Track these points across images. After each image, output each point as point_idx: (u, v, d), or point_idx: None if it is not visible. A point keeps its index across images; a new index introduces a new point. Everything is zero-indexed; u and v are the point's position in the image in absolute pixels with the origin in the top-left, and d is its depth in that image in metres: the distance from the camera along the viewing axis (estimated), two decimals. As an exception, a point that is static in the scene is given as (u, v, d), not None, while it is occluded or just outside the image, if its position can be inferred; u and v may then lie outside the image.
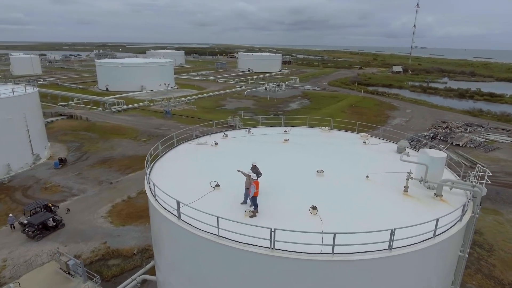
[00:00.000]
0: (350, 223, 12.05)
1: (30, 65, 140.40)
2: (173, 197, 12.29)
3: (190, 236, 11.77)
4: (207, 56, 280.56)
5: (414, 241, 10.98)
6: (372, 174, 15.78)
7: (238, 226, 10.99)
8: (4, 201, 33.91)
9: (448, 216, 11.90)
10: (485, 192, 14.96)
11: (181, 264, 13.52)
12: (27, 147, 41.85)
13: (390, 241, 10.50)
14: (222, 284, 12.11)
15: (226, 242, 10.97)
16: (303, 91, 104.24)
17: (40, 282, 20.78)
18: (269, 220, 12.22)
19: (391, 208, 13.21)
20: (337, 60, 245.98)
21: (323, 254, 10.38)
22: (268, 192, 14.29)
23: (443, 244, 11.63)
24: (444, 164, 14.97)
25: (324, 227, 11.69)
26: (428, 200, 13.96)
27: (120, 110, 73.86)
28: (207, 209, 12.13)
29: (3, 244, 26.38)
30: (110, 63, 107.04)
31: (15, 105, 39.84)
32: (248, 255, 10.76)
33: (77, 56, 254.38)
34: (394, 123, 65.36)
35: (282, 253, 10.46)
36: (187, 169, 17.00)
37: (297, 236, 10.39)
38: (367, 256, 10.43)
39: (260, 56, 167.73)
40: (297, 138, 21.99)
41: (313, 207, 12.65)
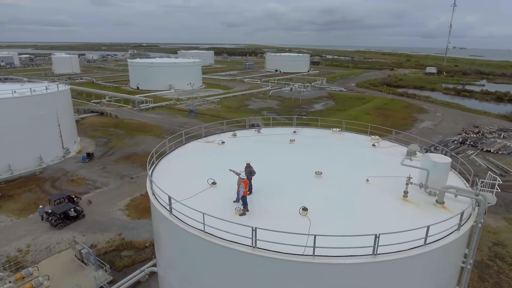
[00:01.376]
0: (339, 226, 11.89)
1: (69, 64, 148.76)
2: (165, 193, 12.72)
3: (180, 231, 12.14)
4: (236, 56, 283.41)
5: (403, 248, 10.68)
6: (373, 177, 15.41)
7: (224, 223, 11.19)
8: (34, 191, 36.32)
9: (443, 224, 11.44)
10: (494, 201, 14.20)
11: (174, 259, 13.95)
12: (58, 141, 44.48)
13: (374, 247, 10.27)
14: (209, 280, 12.37)
15: (211, 239, 11.22)
16: (329, 92, 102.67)
17: (56, 268, 22.15)
18: (258, 219, 12.33)
19: (385, 213, 12.86)
20: (368, 61, 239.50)
21: (304, 255, 10.34)
22: (263, 191, 14.41)
23: (436, 253, 11.19)
24: (448, 169, 14.31)
25: (311, 229, 11.63)
26: (428, 206, 13.44)
27: (147, 108, 76.50)
28: (201, 205, 12.47)
29: (29, 231, 28.32)
30: (141, 63, 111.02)
31: (48, 102, 42.48)
32: (231, 253, 10.93)
33: (113, 56, 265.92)
34: (421, 126, 62.79)
35: (264, 252, 10.54)
36: (191, 166, 17.45)
37: (284, 236, 10.39)
38: (349, 260, 10.26)
39: (288, 56, 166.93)
40: (305, 139, 21.86)
41: (304, 208, 12.61)
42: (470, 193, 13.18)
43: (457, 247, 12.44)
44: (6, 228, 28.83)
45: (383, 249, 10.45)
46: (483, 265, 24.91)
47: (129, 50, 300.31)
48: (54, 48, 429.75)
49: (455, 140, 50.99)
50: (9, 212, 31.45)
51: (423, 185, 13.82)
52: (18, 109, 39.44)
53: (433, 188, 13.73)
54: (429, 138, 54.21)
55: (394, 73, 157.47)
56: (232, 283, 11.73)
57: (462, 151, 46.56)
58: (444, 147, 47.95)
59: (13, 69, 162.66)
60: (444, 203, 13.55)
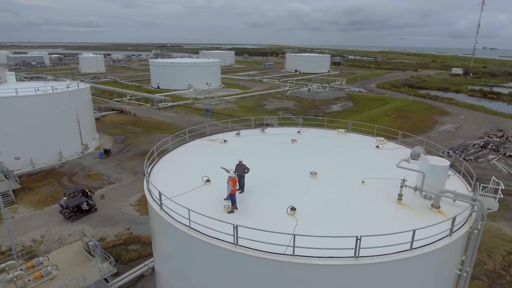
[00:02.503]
0: (325, 226, 11.78)
1: (95, 64, 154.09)
2: (157, 188, 13.04)
3: (168, 226, 12.41)
4: (257, 57, 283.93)
5: (388, 251, 10.45)
6: (369, 179, 15.14)
7: (211, 220, 11.33)
8: (52, 184, 37.96)
9: (435, 229, 11.09)
10: (496, 207, 13.65)
11: (166, 254, 14.26)
12: (77, 138, 46.26)
13: (356, 249, 10.10)
14: (198, 276, 12.56)
15: (196, 235, 11.40)
16: (348, 93, 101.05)
17: (65, 259, 23.08)
18: (245, 217, 12.42)
19: (375, 215, 12.61)
20: (391, 62, 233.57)
21: (285, 255, 10.32)
22: (255, 189, 14.49)
23: (424, 258, 10.88)
24: (446, 173, 13.82)
25: (297, 229, 11.59)
26: (422, 210, 13.06)
27: (165, 107, 78.10)
28: (192, 202, 12.73)
29: (44, 222, 29.66)
30: (162, 62, 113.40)
31: (68, 99, 44.25)
32: (214, 249, 11.06)
33: (138, 56, 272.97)
34: (441, 129, 60.67)
35: (245, 250, 10.60)
36: (190, 164, 17.75)
37: (270, 235, 10.38)
38: (330, 261, 10.16)
39: (308, 57, 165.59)
40: (308, 139, 21.73)
41: (292, 208, 12.58)
42: (466, 198, 12.69)
43: (451, 253, 12.01)
44: (23, 219, 30.31)
45: (367, 251, 10.28)
46: (495, 275, 23.85)
47: (152, 50, 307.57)
48: (83, 48, 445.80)
49: (476, 144, 48.97)
50: (28, 204, 33.04)
51: (418, 188, 13.43)
52: (40, 106, 41.34)
53: (429, 192, 13.32)
54: (448, 142, 52.43)
55: (418, 74, 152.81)
56: (217, 279, 11.87)
57: (483, 156, 44.63)
58: (463, 151, 46.19)
59: (43, 68, 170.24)
60: (440, 208, 13.13)
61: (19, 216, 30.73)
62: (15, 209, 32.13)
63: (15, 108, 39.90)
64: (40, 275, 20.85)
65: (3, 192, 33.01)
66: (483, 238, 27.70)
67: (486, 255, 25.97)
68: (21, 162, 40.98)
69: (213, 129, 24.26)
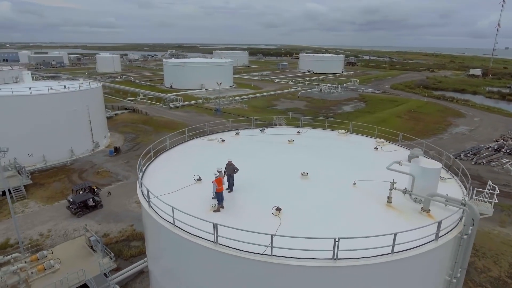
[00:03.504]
0: (308, 228, 11.74)
1: (111, 64, 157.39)
2: (145, 186, 13.29)
3: (155, 223, 12.65)
4: (271, 57, 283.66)
5: (368, 254, 10.33)
6: (361, 181, 14.99)
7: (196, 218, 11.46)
8: (63, 180, 39.07)
9: (421, 233, 10.89)
10: (491, 212, 13.33)
11: (155, 252, 14.50)
12: (88, 136, 47.42)
13: (334, 251, 10.04)
14: (182, 274, 12.75)
15: (180, 232, 11.57)
16: (360, 93, 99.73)
17: (68, 253, 23.72)
18: (230, 216, 12.53)
19: (361, 218, 12.47)
20: (408, 62, 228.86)
21: (263, 255, 10.35)
22: (244, 189, 14.57)
23: (408, 262, 10.70)
24: (438, 176, 13.52)
25: (279, 229, 11.60)
26: (411, 214, 12.85)
27: (177, 106, 79.06)
28: (181, 201, 12.96)
29: (52, 217, 30.57)
30: (175, 62, 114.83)
31: (80, 98, 45.41)
32: (196, 247, 11.20)
33: (154, 56, 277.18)
34: (454, 131, 59.12)
35: (225, 248, 10.69)
36: (185, 162, 17.99)
37: (255, 235, 10.42)
38: (307, 262, 10.13)
39: (321, 57, 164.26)
40: (306, 140, 21.65)
41: (277, 208, 12.59)
42: (456, 202, 12.39)
43: (438, 258, 11.77)
44: (33, 213, 31.33)
45: (349, 254, 10.20)
46: (500, 282, 23.12)
47: (168, 51, 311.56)
48: (101, 48, 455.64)
49: (490, 147, 47.50)
50: (38, 199, 34.12)
51: (407, 191, 13.20)
52: (53, 105, 42.57)
53: (418, 195, 13.07)
54: (460, 145, 51.10)
55: (434, 75, 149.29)
56: (200, 277, 12.01)
57: (496, 159, 43.26)
58: (475, 155, 44.92)
59: (62, 67, 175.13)
60: (429, 211, 12.87)
61: (29, 211, 31.79)
62: (25, 203, 33.25)
63: (29, 106, 41.23)
64: (43, 268, 21.52)
65: (15, 187, 34.28)
66: (490, 244, 27.07)
67: (492, 261, 25.21)
68: (34, 158, 42.32)
69: (218, 128, 24.50)
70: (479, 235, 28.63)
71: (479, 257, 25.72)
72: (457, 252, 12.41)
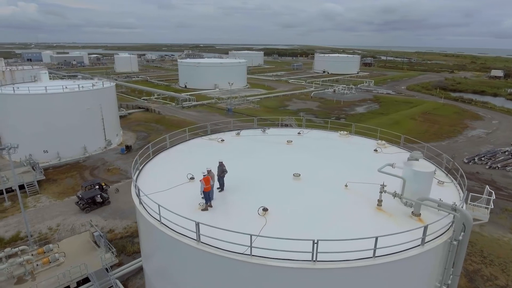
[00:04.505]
0: (292, 228, 11.72)
1: (129, 64, 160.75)
2: (136, 184, 13.59)
3: (144, 220, 12.91)
4: (287, 57, 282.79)
5: (351, 258, 10.22)
6: (354, 183, 14.82)
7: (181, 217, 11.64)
8: (74, 177, 40.26)
9: (407, 236, 10.70)
10: (486, 218, 12.97)
11: (147, 249, 14.78)
12: (101, 134, 48.66)
13: (313, 253, 9.99)
14: (166, 271, 12.97)
15: (165, 230, 11.77)
16: (375, 94, 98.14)
17: (73, 247, 24.46)
18: (217, 215, 12.66)
19: (347, 220, 12.34)
20: (426, 63, 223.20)
21: (243, 254, 10.41)
22: (236, 189, 14.67)
23: (390, 266, 10.52)
24: (431, 179, 13.19)
25: (264, 230, 11.64)
26: (401, 218, 12.61)
27: (189, 106, 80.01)
28: (173, 199, 13.23)
29: (61, 212, 31.58)
30: (189, 62, 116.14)
31: (93, 97, 46.66)
32: (179, 245, 11.37)
33: (171, 56, 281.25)
34: (470, 134, 57.33)
35: (206, 247, 10.82)
36: (183, 161, 18.25)
37: (236, 234, 10.50)
38: (287, 264, 10.12)
39: (336, 57, 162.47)
40: (306, 141, 21.56)
41: (264, 209, 12.63)
42: (446, 207, 12.08)
43: (425, 264, 11.51)
44: (44, 208, 32.44)
45: (329, 256, 10.13)
46: (507, 291, 22.33)
47: (184, 51, 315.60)
48: (121, 48, 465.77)
49: (506, 151, 45.84)
50: (50, 194, 35.30)
51: (397, 195, 12.96)
52: (67, 103, 43.93)
53: (408, 199, 12.82)
54: (476, 148, 49.55)
55: (453, 76, 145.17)
56: (184, 275, 12.18)
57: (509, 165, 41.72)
58: (490, 159, 43.44)
59: (83, 67, 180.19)
60: (420, 216, 12.61)
61: (40, 205, 32.93)
62: (38, 198, 34.46)
63: (44, 104, 42.69)
64: (48, 261, 22.28)
65: (29, 182, 35.58)
66: (499, 251, 26.18)
67: (499, 269, 24.37)
68: (49, 155, 43.79)
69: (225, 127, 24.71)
70: (488, 241, 27.74)
71: (486, 265, 24.91)
72: (451, 258, 12.12)
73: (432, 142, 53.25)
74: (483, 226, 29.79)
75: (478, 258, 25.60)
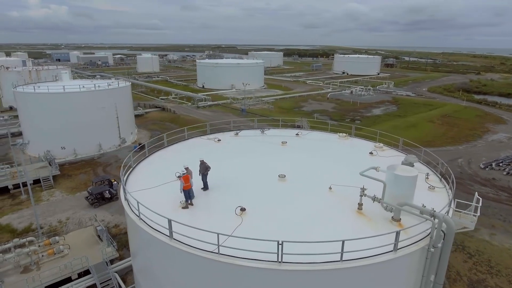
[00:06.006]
0: (266, 229, 11.78)
1: (150, 64, 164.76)
2: (121, 181, 14.06)
3: (128, 217, 13.36)
4: (307, 58, 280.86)
5: (318, 260, 10.20)
6: (338, 186, 14.69)
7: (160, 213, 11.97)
8: (88, 173, 41.79)
9: (374, 241, 10.56)
10: (472, 225, 12.56)
11: (131, 246, 15.25)
12: (115, 132, 50.22)
13: (278, 254, 10.04)
14: (145, 267, 13.35)
15: (143, 225, 12.15)
16: (394, 96, 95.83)
17: (78, 240, 25.48)
18: (196, 213, 12.93)
19: (324, 223, 12.27)
20: (452, 64, 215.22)
21: (212, 253, 10.59)
22: (220, 188, 14.89)
23: (360, 271, 10.40)
24: (414, 184, 12.84)
25: (238, 229, 11.78)
26: (380, 222, 12.42)
27: (205, 106, 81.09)
28: (160, 196, 13.63)
29: (72, 206, 32.91)
30: (207, 63, 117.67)
31: (108, 97, 48.23)
32: (154, 241, 11.70)
33: (192, 57, 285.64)
34: (490, 139, 54.94)
35: (178, 244, 11.08)
36: (177, 160, 18.64)
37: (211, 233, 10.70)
38: (253, 264, 10.21)
39: (356, 58, 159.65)
40: (302, 142, 21.50)
41: (242, 209, 12.77)
42: (425, 212, 11.76)
43: (398, 270, 11.27)
44: (56, 202, 33.92)
45: (296, 258, 10.16)
46: (511, 303, 21.36)
47: (205, 51, 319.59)
48: (145, 49, 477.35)
49: (527, 157, 43.64)
50: (63, 189, 36.85)
51: (376, 199, 12.73)
52: (84, 102, 45.64)
53: (388, 204, 12.58)
54: (494, 153, 47.46)
55: (479, 77, 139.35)
56: (158, 270, 12.50)
57: None
58: (509, 164, 41.51)
59: (107, 67, 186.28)
60: (400, 220, 12.36)
61: (53, 199, 34.46)
62: (52, 192, 36.05)
63: (62, 103, 44.56)
64: (53, 252, 23.33)
65: (44, 177, 37.29)
66: (508, 261, 25.08)
67: (506, 280, 23.33)
68: (66, 151, 45.68)
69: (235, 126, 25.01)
70: (497, 251, 26.59)
71: (492, 275, 23.89)
72: (432, 266, 11.81)
73: (449, 146, 51.50)
74: (493, 235, 28.62)
75: (485, 268, 24.60)
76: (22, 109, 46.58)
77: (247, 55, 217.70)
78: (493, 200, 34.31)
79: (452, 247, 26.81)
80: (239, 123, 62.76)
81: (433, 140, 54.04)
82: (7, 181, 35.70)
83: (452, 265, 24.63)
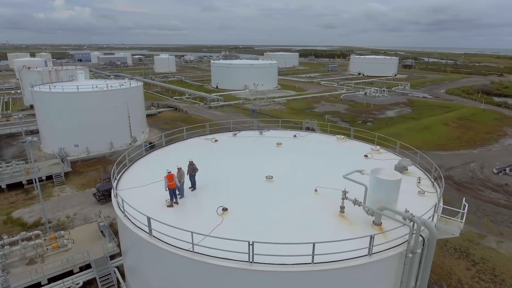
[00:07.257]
0: (245, 230, 11.94)
1: (167, 64, 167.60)
2: (112, 180, 14.55)
3: (117, 215, 13.82)
4: (323, 59, 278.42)
5: (288, 262, 10.29)
6: (324, 188, 14.69)
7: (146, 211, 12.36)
8: (99, 170, 43.05)
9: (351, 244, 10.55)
10: (457, 232, 12.34)
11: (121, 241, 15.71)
12: (127, 131, 51.46)
13: (249, 254, 10.19)
14: (130, 262, 13.75)
15: (126, 222, 12.56)
16: (409, 98, 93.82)
17: (83, 235, 26.36)
18: (180, 212, 13.24)
19: (303, 225, 12.32)
20: (474, 65, 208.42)
21: (187, 251, 10.85)
22: (207, 188, 15.16)
23: (332, 274, 10.42)
24: (397, 188, 12.69)
25: (217, 229, 12.00)
26: (362, 226, 12.37)
27: (216, 106, 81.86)
28: (148, 194, 14.05)
29: (80, 202, 34.02)
30: (221, 63, 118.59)
31: (120, 96, 49.48)
32: (135, 237, 12.07)
33: (209, 57, 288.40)
34: (507, 143, 53.00)
35: (157, 241, 11.40)
36: (173, 159, 19.05)
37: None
38: (226, 263, 10.40)
39: (373, 59, 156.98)
40: (298, 143, 21.53)
41: (224, 209, 12.99)
42: (404, 217, 11.61)
43: (374, 275, 11.18)
44: (66, 197, 35.15)
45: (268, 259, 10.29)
46: (513, 314, 20.64)
47: (222, 52, 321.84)
48: (164, 49, 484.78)
49: (544, 162, 41.86)
50: (74, 186, 38.12)
51: (357, 202, 12.66)
52: (96, 101, 47.01)
53: (369, 207, 12.49)
54: (509, 158, 45.78)
55: (502, 79, 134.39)
56: (134, 262, 12.89)
57: None
58: None
59: (126, 67, 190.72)
60: (381, 224, 12.27)
61: (63, 195, 35.71)
62: (63, 188, 37.36)
63: (75, 102, 46.08)
64: (57, 246, 24.23)
65: (56, 173, 38.70)
66: (513, 270, 24.12)
67: (510, 290, 22.57)
68: (79, 149, 47.16)
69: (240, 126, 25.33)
70: (503, 259, 25.72)
71: (495, 284, 23.16)
72: (411, 271, 11.67)
73: (462, 149, 50.04)
74: (501, 243, 27.70)
75: (488, 276, 23.86)
76: (38, 107, 48.43)
77: (263, 55, 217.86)
78: (504, 207, 33.16)
79: (456, 254, 26.35)
80: (244, 123, 63.10)
81: (446, 144, 52.64)
82: (21, 176, 37.27)
83: (454, 272, 24.05)
